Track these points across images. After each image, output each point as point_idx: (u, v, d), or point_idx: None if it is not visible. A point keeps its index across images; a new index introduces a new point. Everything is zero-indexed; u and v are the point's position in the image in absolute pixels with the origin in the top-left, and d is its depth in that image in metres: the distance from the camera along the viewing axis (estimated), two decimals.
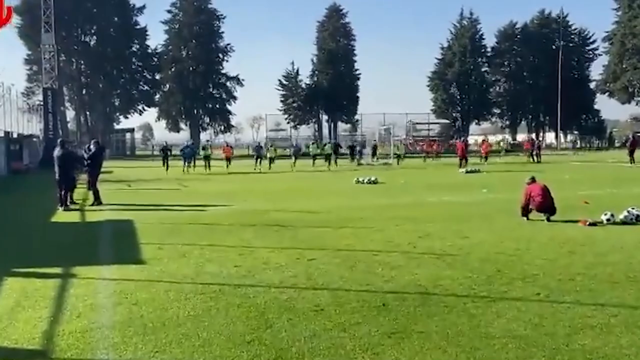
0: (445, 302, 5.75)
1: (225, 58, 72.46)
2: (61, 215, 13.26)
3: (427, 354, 4.37)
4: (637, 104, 72.53)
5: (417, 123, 69.37)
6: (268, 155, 34.72)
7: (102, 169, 16.75)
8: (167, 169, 29.72)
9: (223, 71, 72.52)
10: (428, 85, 77.72)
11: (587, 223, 10.33)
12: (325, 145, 39.70)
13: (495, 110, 79.79)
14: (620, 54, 69.20)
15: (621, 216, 10.57)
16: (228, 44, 71.96)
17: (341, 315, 5.29)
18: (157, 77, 69.67)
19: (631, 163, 30.72)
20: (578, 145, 72.35)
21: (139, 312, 5.44)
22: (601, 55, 76.20)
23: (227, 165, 32.10)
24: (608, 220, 10.44)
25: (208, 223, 11.46)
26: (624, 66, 68.87)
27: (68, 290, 6.34)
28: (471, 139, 63.52)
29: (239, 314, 5.34)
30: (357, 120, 73.58)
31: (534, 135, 71.62)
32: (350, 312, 5.38)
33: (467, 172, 26.92)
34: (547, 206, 10.73)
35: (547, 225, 10.51)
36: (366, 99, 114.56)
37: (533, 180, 11.31)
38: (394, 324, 5.04)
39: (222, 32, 71.89)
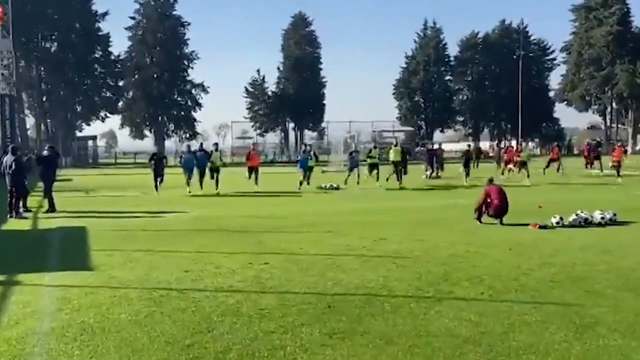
0: (391, 303, 5.82)
1: (191, 65, 71.72)
2: (12, 223, 12.92)
3: (365, 353, 4.42)
4: (593, 113, 74.72)
5: (382, 130, 69.98)
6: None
7: (61, 177, 16.41)
8: (156, 186, 19.96)
9: (188, 78, 71.78)
10: (393, 94, 78.53)
11: (538, 226, 10.58)
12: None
13: (459, 118, 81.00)
14: (578, 64, 71.17)
15: (570, 219, 10.87)
16: (193, 51, 71.32)
17: (286, 318, 5.30)
18: (121, 83, 68.52)
19: (588, 168, 31.53)
20: (538, 153, 74.00)
21: (80, 317, 5.34)
22: (559, 65, 78.19)
23: (255, 180, 21.33)
24: (557, 223, 10.72)
25: (164, 229, 11.34)
26: (581, 76, 70.81)
27: (9, 297, 6.19)
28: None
29: (182, 318, 5.30)
30: (323, 128, 73.84)
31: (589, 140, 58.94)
32: (295, 315, 5.39)
33: (429, 177, 27.23)
34: (503, 209, 10.96)
35: (499, 228, 10.73)
36: (333, 107, 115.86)
37: (491, 181, 11.58)
38: (337, 325, 5.08)
39: (188, 39, 71.23)
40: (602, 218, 10.95)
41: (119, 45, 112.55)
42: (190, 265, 7.62)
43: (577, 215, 10.95)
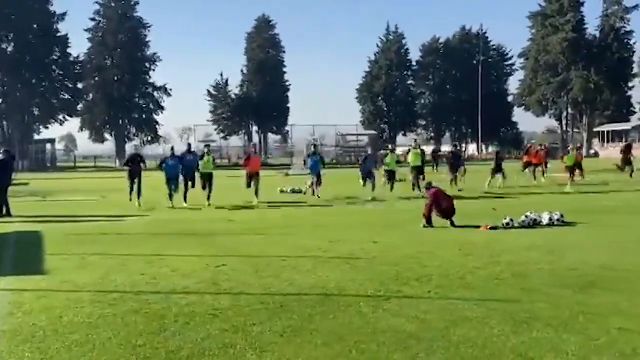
0: (342, 302, 6.00)
1: (152, 67, 71.04)
2: None
3: (312, 350, 4.59)
4: (550, 117, 76.98)
5: (346, 134, 70.51)
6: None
7: (17, 181, 16.13)
8: (138, 194, 16.60)
9: (150, 80, 71.06)
10: (356, 97, 79.42)
11: (488, 227, 10.96)
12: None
13: (421, 122, 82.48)
14: (535, 70, 73.24)
15: (519, 220, 11.29)
16: (155, 53, 70.63)
17: (238, 318, 5.43)
18: (80, 85, 67.32)
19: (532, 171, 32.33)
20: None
21: (31, 320, 5.37)
22: (517, 70, 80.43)
23: (255, 190, 17.44)
24: (507, 224, 11.12)
25: (122, 233, 11.31)
26: (538, 81, 72.91)
27: None
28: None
29: (135, 320, 5.38)
30: (287, 131, 74.00)
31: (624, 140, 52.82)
32: (248, 314, 5.53)
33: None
34: (451, 210, 11.31)
35: (452, 230, 11.06)
36: (297, 110, 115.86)
37: (431, 184, 12.02)
38: (288, 324, 5.24)
39: (149, 41, 70.53)
40: (550, 219, 11.41)
41: (78, 47, 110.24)
42: (146, 269, 7.67)
43: (526, 216, 11.38)
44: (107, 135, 70.89)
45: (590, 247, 9.04)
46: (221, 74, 74.92)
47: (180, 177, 17.02)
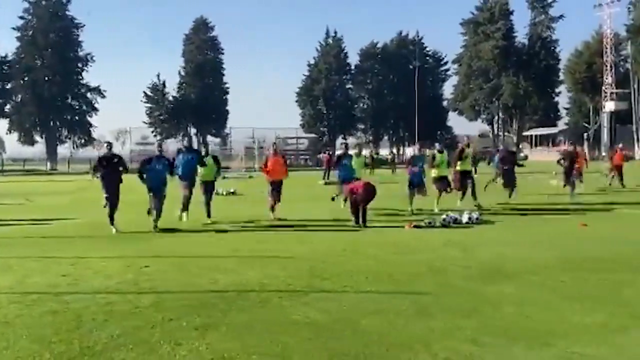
0: (262, 297, 6.22)
1: (86, 68, 69.02)
2: None
3: (225, 341, 4.77)
4: (482, 121, 79.91)
5: (286, 137, 70.76)
6: None
7: None
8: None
9: (83, 82, 69.00)
10: (296, 101, 79.82)
11: (412, 226, 11.44)
12: None
13: (360, 126, 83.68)
14: (468, 75, 75.87)
15: (441, 219, 11.83)
16: (89, 54, 68.62)
17: (157, 315, 5.55)
18: (8, 86, 64.65)
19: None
20: None
21: None
22: (452, 76, 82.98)
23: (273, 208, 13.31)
24: (429, 223, 11.64)
25: (47, 236, 11.10)
26: (471, 86, 75.57)
27: None
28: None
29: (53, 319, 5.41)
30: (226, 134, 73.48)
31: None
32: (166, 311, 5.66)
33: (325, 183, 27.98)
34: (365, 197, 11.70)
35: (377, 229, 11.42)
36: (236, 113, 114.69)
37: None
38: (205, 319, 5.40)
39: (82, 41, 68.48)
40: (469, 218, 12.03)
41: (6, 46, 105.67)
42: (68, 270, 7.63)
43: (447, 215, 11.95)
44: (37, 138, 68.31)
45: (503, 243, 9.61)
46: (158, 76, 73.64)
47: (180, 181, 12.74)
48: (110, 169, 11.78)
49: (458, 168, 14.81)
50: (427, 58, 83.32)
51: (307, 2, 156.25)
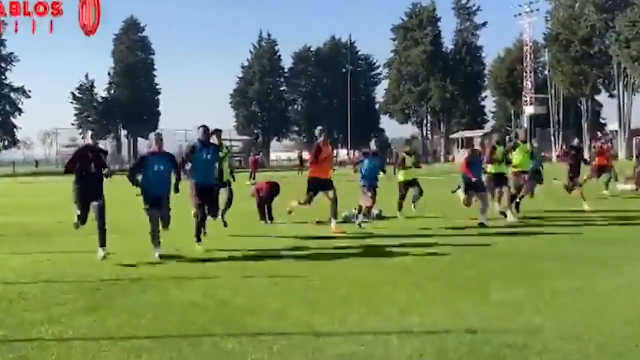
0: (148, 284, 6.74)
1: (9, 67, 66.62)
2: None
3: (106, 322, 5.26)
4: (412, 124, 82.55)
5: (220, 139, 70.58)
6: None
7: None
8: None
9: (6, 82, 66.58)
10: (230, 103, 79.90)
11: (315, 221, 12.14)
12: None
13: (294, 128, 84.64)
14: (398, 80, 78.23)
15: (343, 215, 12.59)
16: (12, 53, 66.34)
17: (45, 300, 5.99)
18: None
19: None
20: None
21: None
22: (384, 79, 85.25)
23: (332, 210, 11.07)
24: (346, 217, 12.39)
25: None
26: (401, 90, 77.91)
27: None
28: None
29: None
30: None
31: None
32: (55, 297, 6.10)
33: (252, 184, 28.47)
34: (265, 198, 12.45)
35: (283, 226, 12.00)
36: (168, 114, 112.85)
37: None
38: (89, 303, 5.88)
39: (5, 40, 66.03)
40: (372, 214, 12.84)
41: None
42: None
43: (349, 211, 12.72)
44: None
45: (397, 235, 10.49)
46: (87, 76, 71.97)
47: (190, 182, 9.29)
48: (95, 162, 8.17)
49: (491, 170, 12.35)
50: (360, 62, 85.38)
51: (241, 4, 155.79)
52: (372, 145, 13.24)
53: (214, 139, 9.92)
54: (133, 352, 4.41)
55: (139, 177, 8.51)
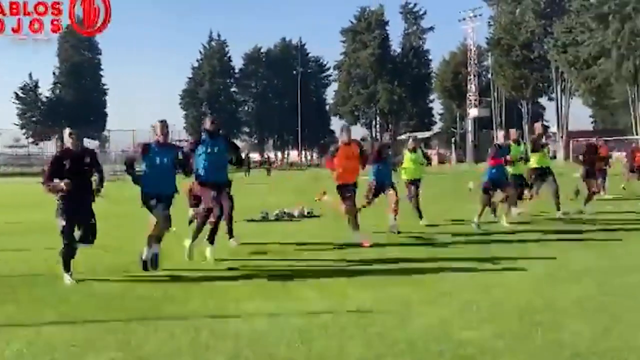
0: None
1: None
2: None
3: (21, 313, 5.62)
4: (362, 126, 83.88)
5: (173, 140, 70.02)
6: None
7: None
8: (65, 264, 6.94)
9: None
10: (180, 103, 79.32)
11: (248, 220, 12.60)
12: None
13: (245, 129, 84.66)
14: (347, 82, 79.35)
15: (274, 213, 13.10)
16: None
17: None
18: None
19: None
20: (316, 163, 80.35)
21: None
22: (334, 81, 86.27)
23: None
24: (264, 217, 12.86)
25: None
26: (350, 92, 79.04)
27: None
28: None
29: None
30: (106, 137, 71.45)
31: None
32: None
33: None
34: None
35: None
36: (116, 115, 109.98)
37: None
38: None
39: None
40: (300, 212, 13.38)
41: None
42: None
43: (279, 211, 13.23)
44: None
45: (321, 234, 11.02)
46: (30, 75, 70.16)
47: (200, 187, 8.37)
48: (78, 176, 6.78)
49: (534, 165, 11.86)
50: (310, 64, 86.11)
51: (191, 4, 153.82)
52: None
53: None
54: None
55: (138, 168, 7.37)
